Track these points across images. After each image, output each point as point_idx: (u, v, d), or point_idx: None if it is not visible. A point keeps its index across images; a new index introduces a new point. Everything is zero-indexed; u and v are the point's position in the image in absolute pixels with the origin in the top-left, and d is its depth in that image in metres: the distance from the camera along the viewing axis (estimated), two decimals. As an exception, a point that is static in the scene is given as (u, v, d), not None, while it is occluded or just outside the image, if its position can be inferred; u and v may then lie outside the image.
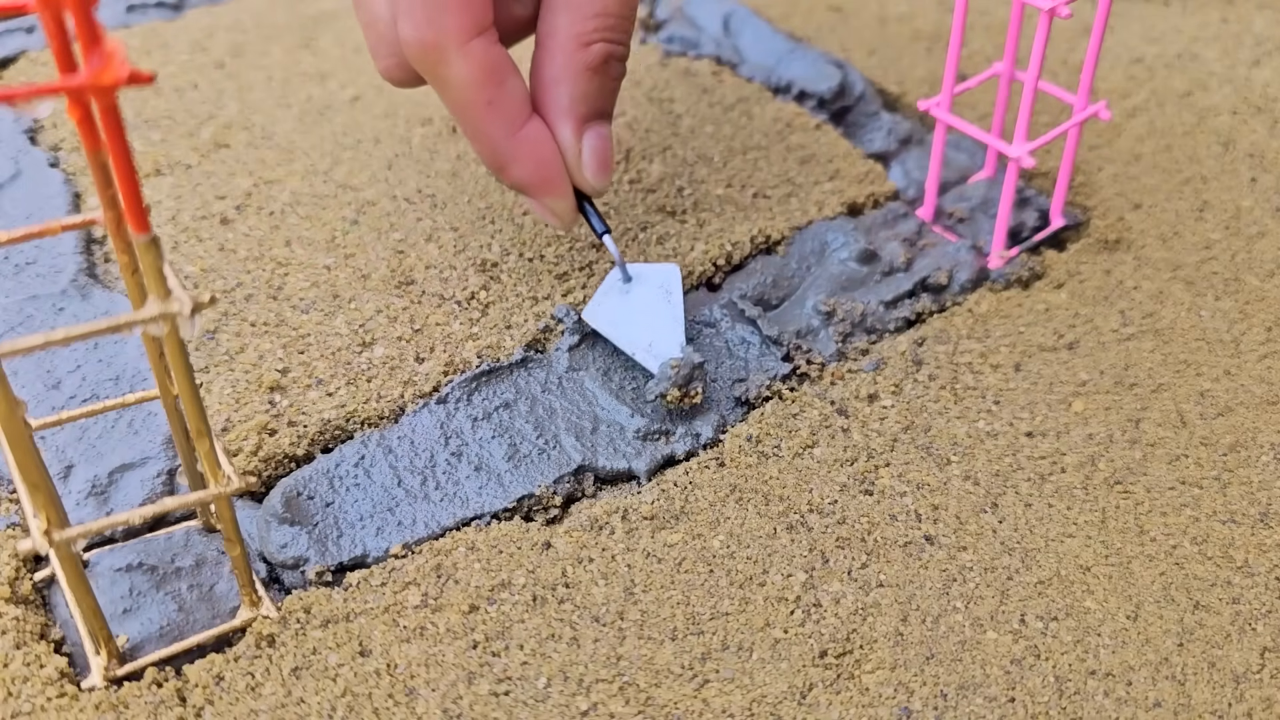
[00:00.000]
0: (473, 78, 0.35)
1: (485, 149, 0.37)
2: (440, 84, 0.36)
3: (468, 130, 0.37)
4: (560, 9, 0.37)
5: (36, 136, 0.50)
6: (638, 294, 0.39)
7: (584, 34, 0.36)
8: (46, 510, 0.26)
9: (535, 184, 0.38)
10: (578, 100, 0.37)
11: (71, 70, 0.21)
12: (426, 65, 0.35)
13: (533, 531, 0.34)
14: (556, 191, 0.38)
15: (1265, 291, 0.42)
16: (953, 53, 0.41)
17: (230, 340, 0.40)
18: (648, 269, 0.40)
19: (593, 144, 0.38)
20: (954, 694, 0.30)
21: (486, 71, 0.35)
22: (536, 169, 0.37)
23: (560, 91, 0.37)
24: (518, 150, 0.37)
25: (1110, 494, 0.35)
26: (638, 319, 0.38)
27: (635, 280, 0.39)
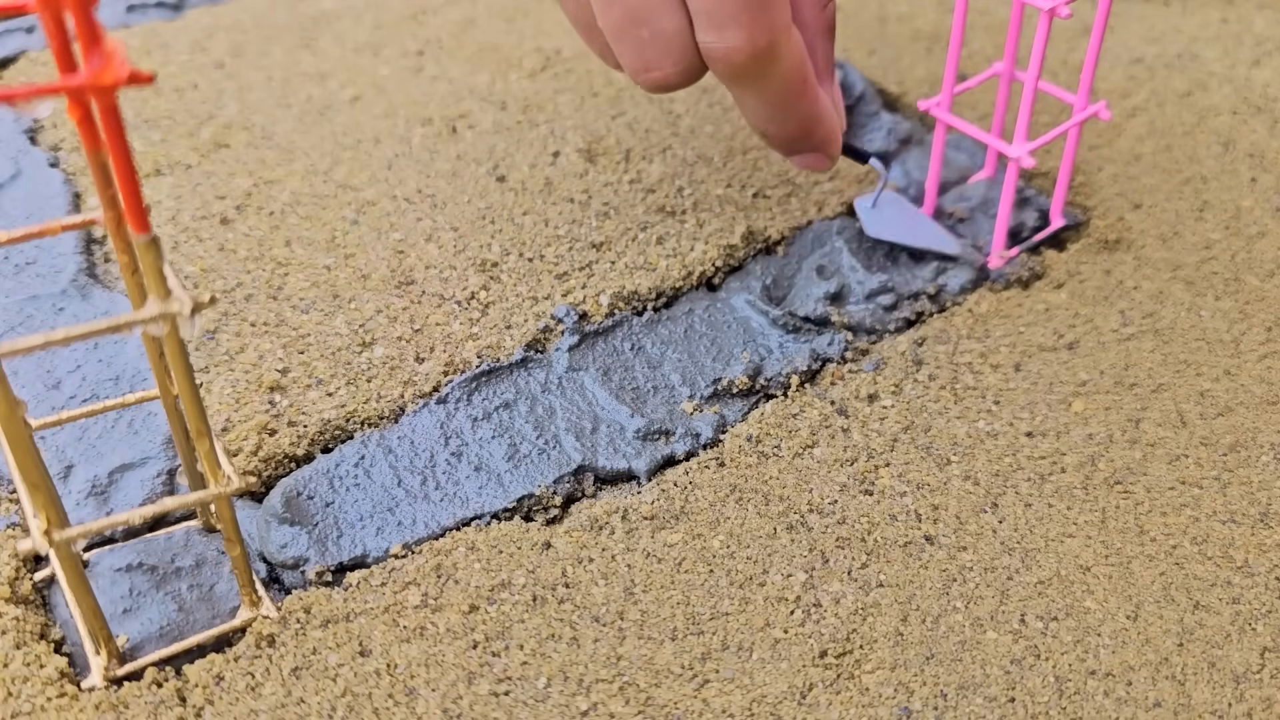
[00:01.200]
0: (798, 64, 0.36)
1: (797, 123, 0.38)
2: (763, 80, 0.36)
3: (785, 112, 0.37)
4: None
5: (36, 136, 0.50)
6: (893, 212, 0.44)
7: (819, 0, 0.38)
8: (46, 510, 0.26)
9: (830, 139, 0.39)
10: (826, 60, 0.39)
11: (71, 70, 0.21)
12: (756, 65, 0.35)
13: (533, 531, 0.34)
14: (839, 140, 0.40)
15: (1265, 291, 0.42)
16: (953, 53, 0.41)
17: (230, 340, 0.40)
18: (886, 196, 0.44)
19: (837, 93, 0.40)
20: (954, 694, 0.30)
21: (804, 54, 0.36)
22: (830, 126, 0.39)
23: (818, 56, 0.39)
24: (821, 114, 0.38)
25: (1110, 494, 0.35)
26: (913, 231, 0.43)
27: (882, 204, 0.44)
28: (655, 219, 0.45)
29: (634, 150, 0.48)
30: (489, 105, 0.51)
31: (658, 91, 0.37)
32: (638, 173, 0.47)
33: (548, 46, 0.55)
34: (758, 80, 0.36)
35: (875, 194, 0.43)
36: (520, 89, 0.52)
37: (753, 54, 0.34)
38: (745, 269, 0.43)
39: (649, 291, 0.42)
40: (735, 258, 0.44)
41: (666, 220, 0.45)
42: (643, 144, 0.49)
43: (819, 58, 0.39)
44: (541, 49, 0.55)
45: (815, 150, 0.40)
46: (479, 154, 0.48)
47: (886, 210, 0.44)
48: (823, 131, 0.39)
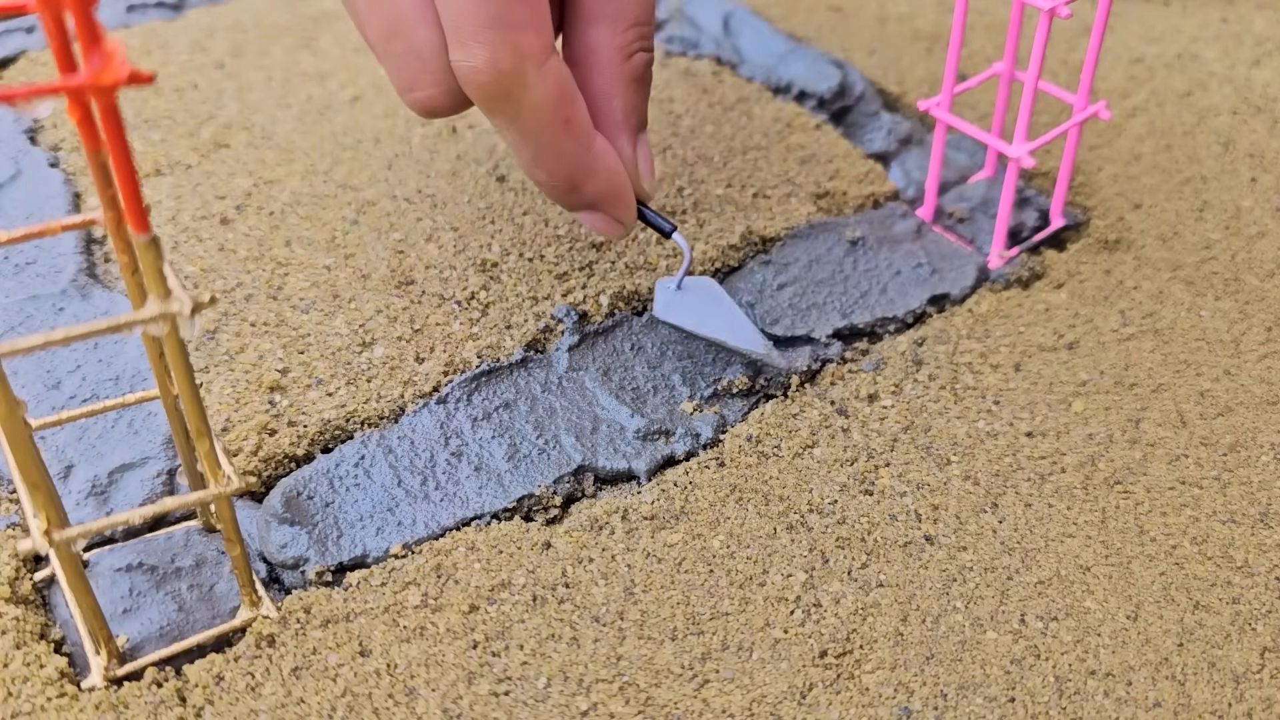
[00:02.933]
0: (552, 98, 0.33)
1: (561, 169, 0.35)
2: (512, 108, 0.34)
3: (543, 153, 0.35)
4: (595, 23, 0.36)
5: (36, 136, 0.50)
6: (695, 297, 0.39)
7: (625, 46, 0.36)
8: (46, 510, 0.26)
9: (609, 197, 0.37)
10: (629, 112, 0.37)
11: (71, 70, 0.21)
12: (499, 91, 0.33)
13: (533, 531, 0.34)
14: (626, 201, 0.37)
15: (1265, 291, 0.42)
16: (953, 53, 0.41)
17: (230, 340, 0.40)
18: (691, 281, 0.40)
19: (645, 152, 0.38)
20: (954, 694, 0.30)
21: (563, 91, 0.34)
22: (610, 182, 0.36)
23: (614, 106, 0.36)
24: (594, 165, 0.36)
25: (1110, 494, 0.35)
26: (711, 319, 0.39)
27: (687, 288, 0.39)
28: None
29: (634, 150, 0.48)
30: (489, 105, 0.51)
31: (426, 115, 0.35)
32: (638, 173, 0.47)
33: (548, 46, 0.55)
34: (507, 109, 0.33)
35: (679, 275, 0.39)
36: (520, 89, 0.52)
37: (495, 78, 0.32)
38: (745, 268, 0.43)
39: (649, 291, 0.42)
40: (735, 258, 0.44)
41: (666, 220, 0.45)
42: (643, 144, 0.49)
43: (616, 107, 0.36)
44: (541, 49, 0.55)
45: (595, 209, 0.37)
46: (479, 154, 0.48)
47: (691, 294, 0.39)
48: (597, 187, 0.36)
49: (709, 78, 0.53)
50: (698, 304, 0.39)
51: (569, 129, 0.34)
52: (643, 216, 0.39)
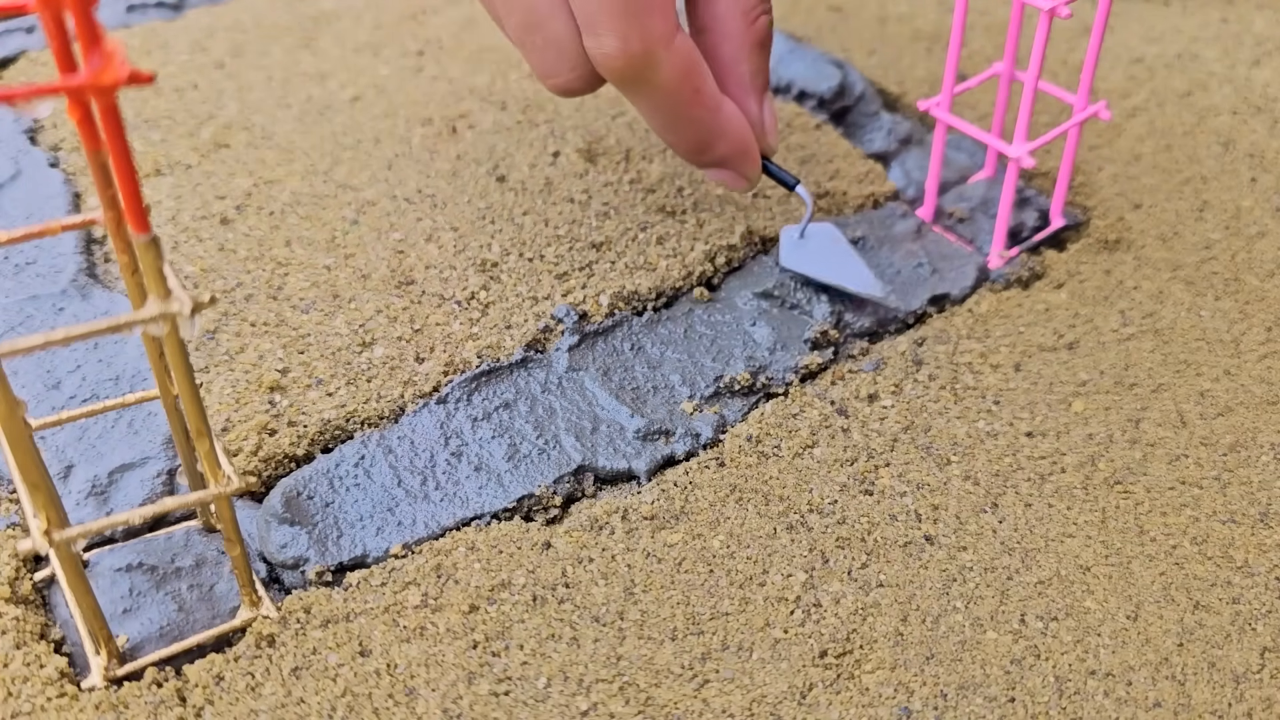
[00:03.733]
0: (681, 73, 0.36)
1: (693, 134, 0.38)
2: (647, 88, 0.36)
3: (675, 122, 0.37)
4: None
5: (36, 136, 0.50)
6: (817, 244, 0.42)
7: (748, 11, 0.38)
8: (46, 510, 0.26)
9: (737, 155, 0.39)
10: (756, 75, 0.39)
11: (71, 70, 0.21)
12: (634, 72, 0.35)
13: (533, 531, 0.34)
14: (752, 158, 0.40)
15: (1265, 291, 0.42)
16: (953, 53, 0.41)
17: (230, 340, 0.40)
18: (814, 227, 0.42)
19: (770, 111, 0.40)
20: (954, 694, 0.30)
21: (690, 64, 0.36)
22: (738, 142, 0.39)
23: (742, 70, 0.38)
24: (723, 129, 0.38)
25: (1110, 494, 0.35)
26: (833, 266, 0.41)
27: (809, 236, 0.42)
28: (655, 219, 0.45)
29: (634, 150, 0.48)
30: (489, 105, 0.51)
31: (566, 96, 0.38)
32: (638, 173, 0.47)
33: (548, 46, 0.55)
34: (641, 86, 0.36)
35: (802, 224, 0.42)
36: (520, 89, 0.52)
37: (627, 61, 0.35)
38: (745, 268, 0.43)
39: (649, 291, 0.42)
40: (735, 258, 0.44)
41: (666, 220, 0.45)
42: (643, 144, 0.49)
43: (743, 71, 0.39)
44: (541, 49, 0.55)
45: (724, 166, 0.40)
46: (479, 154, 0.48)
47: (813, 242, 0.42)
48: (726, 147, 0.39)
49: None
50: (820, 252, 0.42)
51: (698, 98, 0.37)
52: (767, 171, 0.41)
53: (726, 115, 0.38)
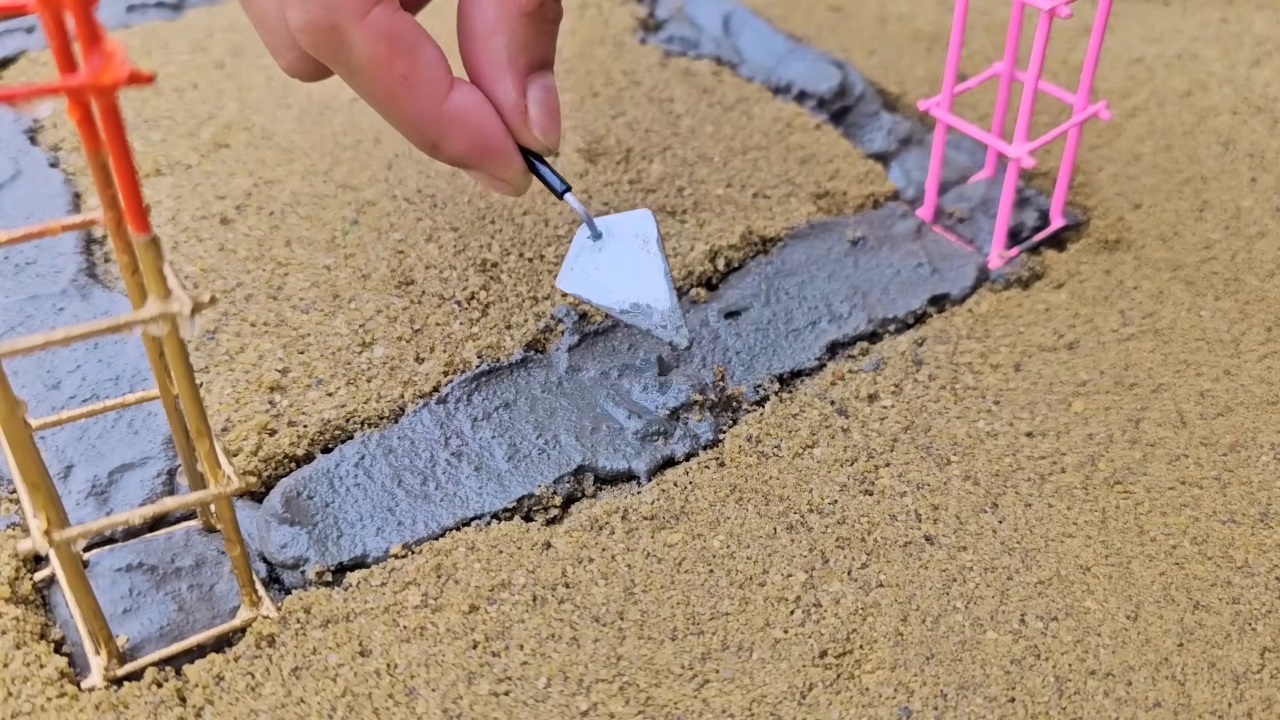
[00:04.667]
0: (379, 53, 0.31)
1: (410, 128, 0.33)
2: (345, 68, 0.32)
3: (387, 112, 0.33)
4: None
5: (36, 136, 0.50)
6: (611, 249, 0.35)
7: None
8: (46, 510, 0.26)
9: (476, 154, 0.33)
10: (517, 51, 0.33)
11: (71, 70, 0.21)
12: (325, 50, 0.31)
13: (533, 531, 0.34)
14: (502, 158, 0.34)
15: (1265, 291, 0.42)
16: (953, 53, 0.41)
17: (230, 340, 0.40)
18: (618, 220, 0.35)
19: (539, 96, 0.34)
20: (954, 694, 0.30)
21: (394, 43, 0.31)
22: (474, 138, 0.33)
23: (496, 44, 0.33)
24: (448, 122, 0.33)
25: (1110, 494, 0.35)
26: (617, 276, 0.34)
27: (607, 235, 0.35)
28: (655, 219, 0.45)
29: (634, 150, 0.48)
30: (489, 105, 0.51)
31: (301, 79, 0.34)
32: (638, 173, 0.47)
33: (548, 46, 0.55)
34: (339, 68, 0.32)
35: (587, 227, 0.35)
36: (520, 89, 0.52)
37: (314, 35, 0.31)
38: (744, 268, 0.43)
39: (649, 291, 0.42)
40: (735, 258, 0.44)
41: (666, 220, 0.45)
42: (643, 144, 0.49)
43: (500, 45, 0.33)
44: (541, 49, 0.55)
45: (466, 167, 0.34)
46: (479, 154, 0.48)
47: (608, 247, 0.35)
48: (456, 147, 0.33)
49: (709, 78, 0.53)
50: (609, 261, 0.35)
51: (408, 85, 0.32)
52: (536, 172, 0.35)
53: (453, 108, 0.32)
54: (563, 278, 0.35)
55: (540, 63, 0.34)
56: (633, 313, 0.34)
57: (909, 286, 0.42)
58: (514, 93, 0.33)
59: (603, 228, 0.35)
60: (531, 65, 0.33)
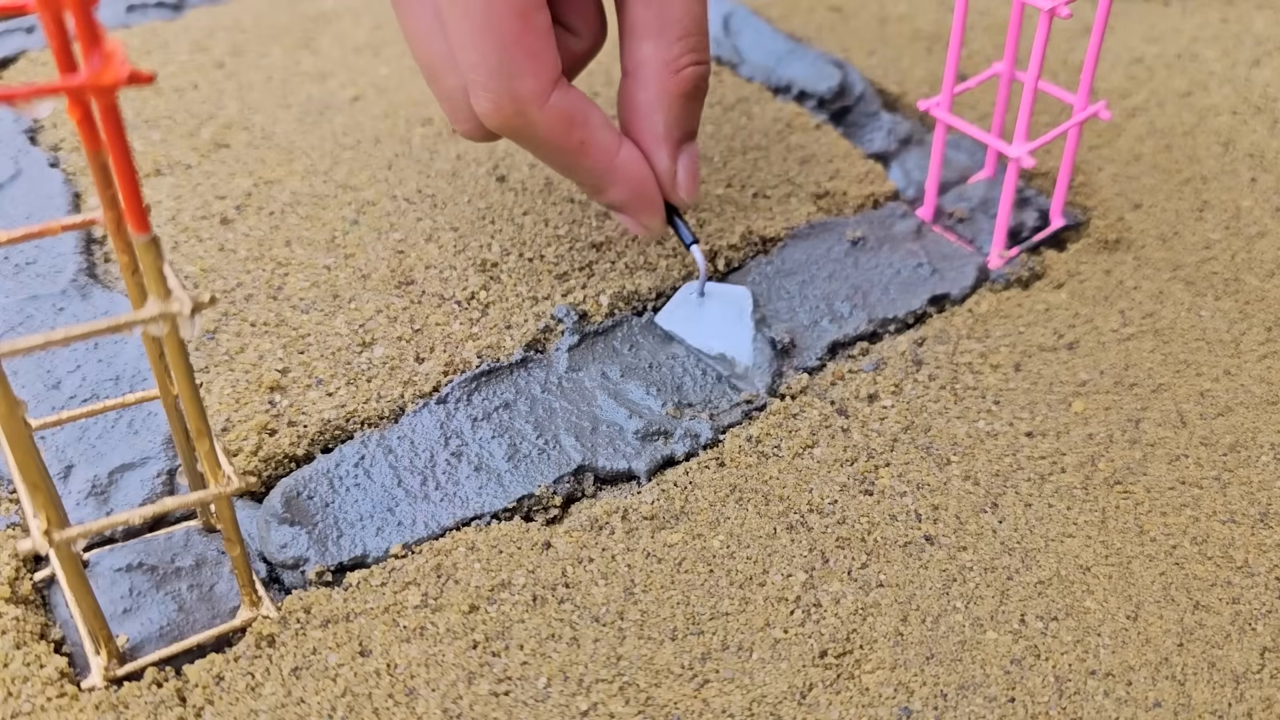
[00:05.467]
0: (561, 129, 0.36)
1: (583, 180, 0.38)
2: (529, 141, 0.36)
3: (564, 169, 0.38)
4: (645, 36, 0.37)
5: (36, 136, 0.50)
6: (712, 306, 0.40)
7: (673, 60, 0.37)
8: (46, 510, 0.26)
9: (633, 205, 0.38)
10: (673, 125, 0.38)
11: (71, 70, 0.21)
12: (511, 130, 0.36)
13: (533, 531, 0.34)
14: (653, 210, 0.39)
15: (1265, 291, 0.42)
16: (953, 53, 0.41)
17: (230, 340, 0.40)
18: (723, 288, 0.41)
19: (687, 164, 0.39)
20: (954, 694, 0.30)
21: (571, 119, 0.36)
22: (635, 191, 0.38)
23: (656, 119, 0.37)
24: (615, 176, 0.38)
25: (1110, 494, 0.35)
26: (713, 328, 0.40)
27: (710, 295, 0.40)
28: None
29: (634, 150, 0.48)
30: (489, 105, 0.51)
31: (475, 141, 0.39)
32: (638, 173, 0.47)
33: (548, 46, 0.55)
34: (522, 140, 0.36)
35: (699, 284, 0.40)
36: (520, 89, 0.52)
37: (501, 119, 0.35)
38: (744, 268, 0.43)
39: (649, 291, 0.42)
40: (735, 258, 0.44)
41: (666, 220, 0.45)
42: (643, 144, 0.49)
43: (656, 121, 0.37)
44: (541, 49, 0.55)
45: (622, 212, 0.39)
46: (479, 154, 0.48)
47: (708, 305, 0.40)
48: (619, 195, 0.38)
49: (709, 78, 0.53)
50: (708, 316, 0.40)
51: (584, 150, 0.37)
52: (673, 223, 0.40)
53: (620, 164, 0.37)
54: (663, 316, 0.40)
55: (690, 134, 0.39)
56: (718, 360, 0.39)
57: (909, 286, 0.42)
58: (668, 160, 0.38)
59: (708, 290, 0.40)
60: (684, 137, 0.38)
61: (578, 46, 0.39)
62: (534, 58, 0.34)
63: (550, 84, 0.35)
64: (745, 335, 0.39)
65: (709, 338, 0.39)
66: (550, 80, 0.35)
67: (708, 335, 0.39)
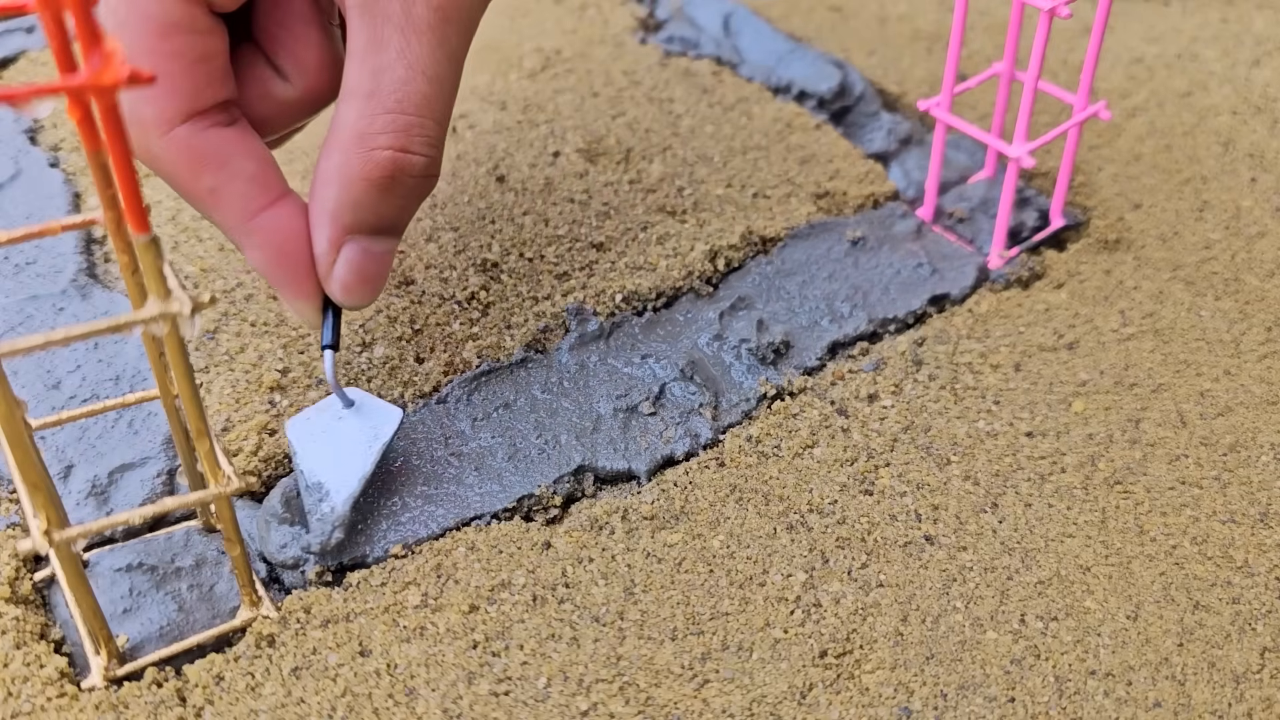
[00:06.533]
0: (185, 168, 0.31)
1: (220, 228, 0.33)
2: (158, 174, 0.32)
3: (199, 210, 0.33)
4: (350, 96, 0.32)
5: (36, 136, 0.50)
6: (347, 426, 0.34)
7: (369, 135, 0.31)
8: (46, 510, 0.26)
9: (274, 275, 0.33)
10: (344, 207, 0.32)
11: (71, 70, 0.21)
12: (142, 158, 0.32)
13: (533, 531, 0.34)
14: (293, 290, 0.33)
15: (1265, 291, 0.42)
16: (953, 53, 0.41)
17: (230, 340, 0.40)
18: (375, 405, 0.35)
19: (351, 258, 0.32)
20: (954, 694, 0.30)
21: (197, 159, 0.31)
22: (274, 260, 0.32)
23: (326, 193, 0.32)
24: (251, 239, 0.32)
25: (1110, 494, 0.35)
26: (328, 450, 0.34)
27: (354, 412, 0.35)
28: (655, 219, 0.45)
29: (634, 150, 0.48)
30: (489, 105, 0.51)
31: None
32: (638, 173, 0.47)
33: (548, 46, 0.55)
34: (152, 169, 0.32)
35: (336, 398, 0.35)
36: (520, 89, 0.52)
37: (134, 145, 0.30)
38: (744, 268, 0.43)
39: (649, 291, 0.42)
40: (735, 258, 0.44)
41: (666, 220, 0.45)
42: (643, 144, 0.49)
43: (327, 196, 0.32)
44: (541, 49, 0.55)
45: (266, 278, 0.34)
46: (479, 154, 0.48)
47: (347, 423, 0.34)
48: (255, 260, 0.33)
49: (709, 78, 0.53)
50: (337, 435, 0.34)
51: (214, 197, 0.32)
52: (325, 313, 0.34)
53: (260, 226, 0.32)
54: (294, 422, 0.34)
55: (370, 226, 0.32)
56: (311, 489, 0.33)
57: (909, 286, 0.42)
58: (325, 244, 0.32)
59: (358, 403, 0.35)
60: (355, 226, 0.32)
61: (286, 93, 0.34)
62: (164, 82, 0.30)
63: (179, 115, 0.31)
64: (356, 471, 0.33)
65: (318, 461, 0.33)
66: (180, 111, 0.31)
67: (319, 458, 0.33)
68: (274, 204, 0.32)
